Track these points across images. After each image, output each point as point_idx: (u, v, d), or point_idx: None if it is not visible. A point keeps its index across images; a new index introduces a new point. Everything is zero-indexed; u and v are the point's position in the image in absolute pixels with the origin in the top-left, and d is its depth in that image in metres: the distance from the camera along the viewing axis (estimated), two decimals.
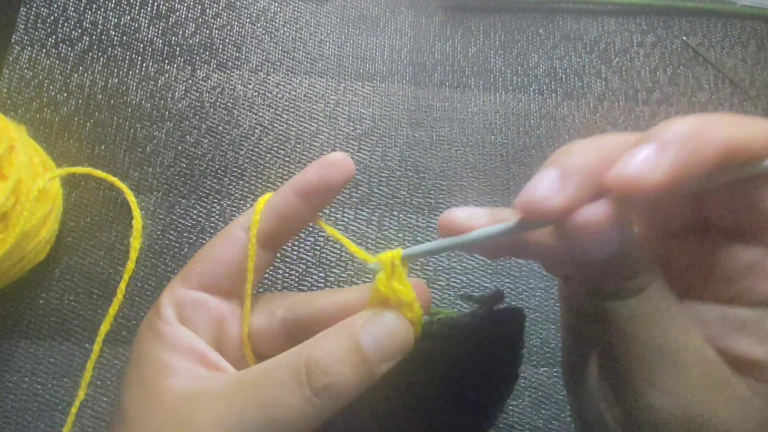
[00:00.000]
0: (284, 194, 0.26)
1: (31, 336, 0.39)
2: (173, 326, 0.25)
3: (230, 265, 0.26)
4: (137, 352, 0.25)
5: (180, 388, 0.23)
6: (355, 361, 0.22)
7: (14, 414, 0.38)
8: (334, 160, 0.26)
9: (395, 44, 0.48)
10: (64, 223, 0.41)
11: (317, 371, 0.22)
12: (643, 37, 0.50)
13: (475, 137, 0.46)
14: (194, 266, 0.26)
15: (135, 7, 0.47)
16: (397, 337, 0.23)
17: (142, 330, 0.26)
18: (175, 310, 0.25)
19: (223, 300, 0.26)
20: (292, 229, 0.27)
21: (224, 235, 0.27)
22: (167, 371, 0.24)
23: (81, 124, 0.44)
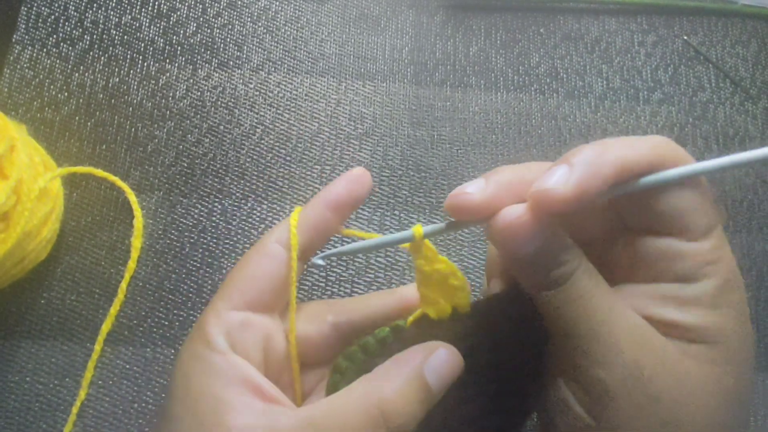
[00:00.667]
0: (316, 208, 0.28)
1: (32, 336, 0.39)
2: (227, 356, 0.24)
3: (273, 281, 0.27)
4: (185, 386, 0.24)
5: (244, 425, 0.23)
6: (424, 398, 0.24)
7: (16, 414, 0.38)
8: (358, 175, 0.28)
9: (396, 43, 0.48)
10: (65, 222, 0.41)
11: (393, 414, 0.23)
12: (645, 36, 0.50)
13: (476, 136, 0.46)
14: (236, 284, 0.26)
15: (136, 6, 0.47)
16: (454, 368, 0.25)
17: (187, 359, 0.25)
18: (225, 337, 0.25)
19: (267, 316, 0.27)
20: (322, 240, 0.28)
21: (262, 252, 0.27)
22: (227, 408, 0.23)
23: (82, 124, 0.44)
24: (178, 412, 0.24)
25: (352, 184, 0.28)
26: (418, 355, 0.25)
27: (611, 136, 0.47)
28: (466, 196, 0.23)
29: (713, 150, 0.47)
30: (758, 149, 0.25)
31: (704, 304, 0.24)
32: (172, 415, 0.24)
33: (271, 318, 0.27)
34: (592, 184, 0.23)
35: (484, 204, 0.23)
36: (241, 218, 0.43)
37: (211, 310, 0.26)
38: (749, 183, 0.46)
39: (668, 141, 0.25)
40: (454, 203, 0.24)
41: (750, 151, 0.25)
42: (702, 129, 0.47)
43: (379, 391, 0.23)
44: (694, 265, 0.24)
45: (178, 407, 0.24)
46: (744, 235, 0.45)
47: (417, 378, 0.24)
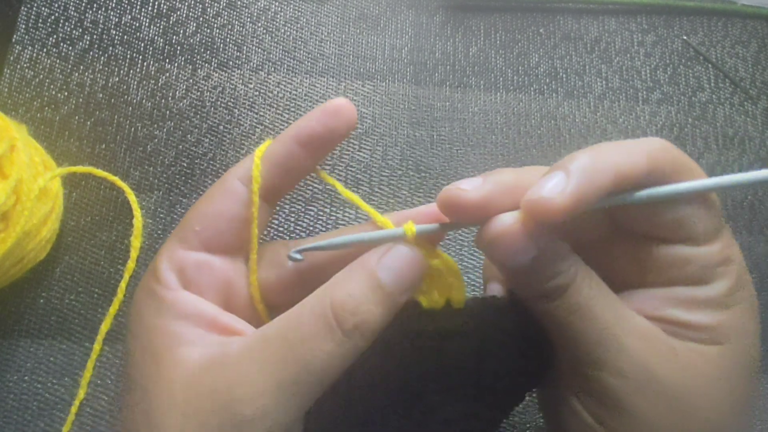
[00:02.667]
0: (284, 143, 0.25)
1: (31, 335, 0.39)
2: (177, 292, 0.24)
3: (231, 221, 0.25)
4: (137, 322, 0.24)
5: (195, 358, 0.22)
6: (378, 297, 0.22)
7: (14, 413, 0.38)
8: (336, 106, 0.25)
9: (396, 43, 0.48)
10: (65, 222, 0.41)
11: (345, 314, 0.22)
12: (644, 36, 0.50)
13: (476, 137, 0.46)
14: (191, 224, 0.25)
15: (136, 6, 0.47)
16: (413, 266, 0.23)
17: (140, 298, 0.24)
18: (176, 274, 0.24)
19: (227, 258, 0.25)
20: (292, 180, 0.26)
21: (221, 189, 0.25)
22: (177, 341, 0.22)
23: (81, 123, 0.44)
24: (133, 348, 0.23)
25: (327, 117, 0.25)
26: (373, 255, 0.23)
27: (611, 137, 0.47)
28: (460, 193, 0.22)
29: (713, 150, 0.47)
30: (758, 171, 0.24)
31: (716, 304, 0.23)
32: (129, 351, 0.24)
33: (232, 261, 0.25)
34: (589, 193, 0.21)
35: (478, 203, 0.22)
36: None
37: (164, 249, 0.25)
38: None
39: (665, 146, 0.23)
40: (447, 198, 0.23)
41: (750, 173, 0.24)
42: (701, 129, 0.47)
43: (330, 294, 0.22)
44: (705, 268, 0.23)
45: (133, 343, 0.23)
46: (745, 236, 0.45)
47: (369, 277, 0.22)
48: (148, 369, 0.22)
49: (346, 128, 0.25)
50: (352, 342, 0.22)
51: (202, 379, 0.22)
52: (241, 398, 0.21)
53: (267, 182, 0.25)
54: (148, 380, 0.22)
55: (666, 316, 0.24)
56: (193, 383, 0.22)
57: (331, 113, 0.25)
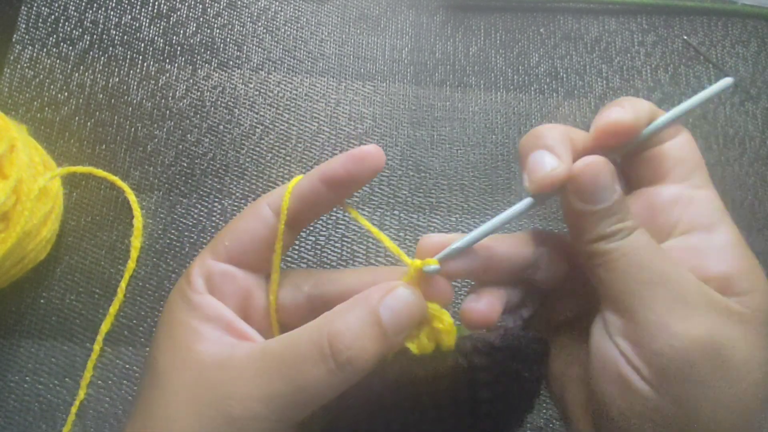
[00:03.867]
0: (311, 180, 0.27)
1: (32, 335, 0.39)
2: (203, 295, 0.26)
3: (258, 241, 0.27)
4: (168, 315, 0.27)
5: (209, 353, 0.25)
6: (375, 334, 0.23)
7: (16, 414, 0.38)
8: (364, 154, 0.26)
9: (396, 44, 0.48)
10: (65, 222, 0.41)
11: (340, 346, 0.23)
12: (644, 36, 0.50)
13: (476, 136, 0.46)
14: (223, 239, 0.27)
15: (136, 7, 0.47)
16: (412, 310, 0.25)
17: (173, 297, 0.27)
18: (204, 280, 0.27)
19: (250, 273, 0.27)
20: (315, 213, 0.28)
21: (253, 212, 0.28)
22: (197, 337, 0.25)
23: (82, 124, 0.44)
24: (160, 336, 0.26)
25: (353, 164, 0.26)
26: (376, 293, 0.24)
27: None
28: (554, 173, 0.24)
29: (713, 149, 0.47)
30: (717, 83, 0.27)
31: (733, 251, 0.25)
32: (156, 337, 0.26)
33: (254, 276, 0.28)
34: (642, 119, 0.26)
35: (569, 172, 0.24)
36: None
37: (199, 257, 0.28)
38: (750, 183, 0.46)
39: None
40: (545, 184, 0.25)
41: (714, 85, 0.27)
42: (702, 129, 0.47)
43: (330, 324, 0.23)
44: (706, 209, 0.26)
45: (160, 332, 0.26)
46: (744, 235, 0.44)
47: (370, 314, 0.24)
48: (170, 356, 0.25)
49: (370, 174, 0.27)
50: (344, 374, 0.23)
51: (208, 374, 0.24)
52: (235, 398, 0.23)
53: (293, 213, 0.27)
54: (166, 365, 0.25)
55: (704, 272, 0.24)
56: (201, 376, 0.24)
57: (357, 160, 0.26)
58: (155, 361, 0.25)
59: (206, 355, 0.24)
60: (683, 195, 0.26)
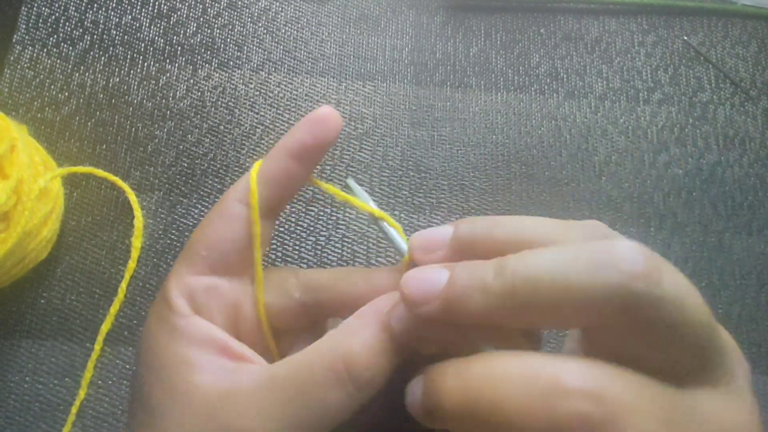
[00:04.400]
0: (277, 159, 0.25)
1: (32, 336, 0.39)
2: (188, 318, 0.24)
3: (235, 243, 0.25)
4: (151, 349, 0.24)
5: (209, 385, 0.22)
6: (391, 349, 0.22)
7: (16, 414, 0.38)
8: (323, 115, 0.25)
9: (396, 44, 0.48)
10: (66, 222, 0.41)
11: (359, 368, 0.22)
12: (645, 36, 0.50)
13: (476, 137, 0.46)
14: (197, 249, 0.25)
15: (136, 7, 0.47)
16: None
17: (152, 324, 0.24)
18: (187, 300, 0.24)
19: (234, 280, 0.25)
20: (289, 194, 0.26)
21: (221, 212, 0.25)
22: (191, 368, 0.23)
23: (82, 124, 0.44)
24: (144, 374, 0.23)
25: (316, 127, 0.24)
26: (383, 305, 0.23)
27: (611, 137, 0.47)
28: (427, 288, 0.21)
29: (713, 150, 0.47)
30: None
31: None
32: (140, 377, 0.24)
33: (240, 282, 0.25)
34: None
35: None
36: None
37: (173, 275, 0.25)
38: (750, 184, 0.46)
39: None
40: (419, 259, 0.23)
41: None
42: (702, 129, 0.47)
43: (345, 346, 0.22)
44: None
45: (144, 370, 0.24)
46: (744, 237, 0.45)
47: (383, 330, 0.22)
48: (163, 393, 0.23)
49: (334, 135, 0.25)
50: (363, 395, 0.22)
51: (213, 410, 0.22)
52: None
53: (264, 200, 0.25)
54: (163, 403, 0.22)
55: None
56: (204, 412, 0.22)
57: (317, 122, 0.25)
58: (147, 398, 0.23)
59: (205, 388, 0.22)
60: None
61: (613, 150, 0.46)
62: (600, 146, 0.46)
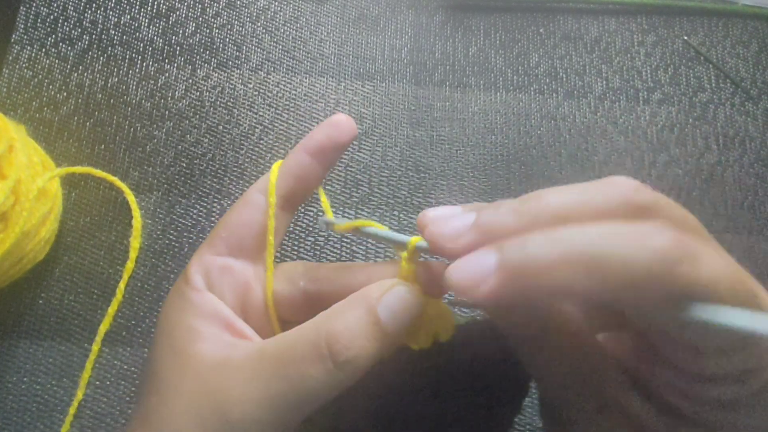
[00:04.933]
0: (297, 156, 0.28)
1: (30, 336, 0.39)
2: (202, 293, 0.26)
3: (253, 228, 0.27)
4: (165, 318, 0.26)
5: (207, 354, 0.24)
6: (374, 333, 0.23)
7: (14, 414, 0.37)
8: (338, 120, 0.28)
9: (395, 44, 0.48)
10: (64, 222, 0.41)
11: (339, 346, 0.23)
12: (644, 36, 0.50)
13: (475, 137, 0.46)
14: (219, 232, 0.27)
15: (135, 7, 0.47)
16: (410, 308, 0.24)
17: (171, 297, 0.27)
18: (203, 276, 0.27)
19: (248, 263, 0.27)
20: (306, 189, 0.28)
21: (244, 201, 0.28)
22: (196, 336, 0.25)
23: (81, 124, 0.44)
24: (158, 338, 0.26)
25: (332, 129, 0.28)
26: (374, 291, 0.24)
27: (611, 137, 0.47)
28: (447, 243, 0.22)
29: (713, 150, 0.47)
30: None
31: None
32: (155, 341, 0.26)
33: (252, 266, 0.27)
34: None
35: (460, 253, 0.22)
36: None
37: (196, 254, 0.28)
38: (750, 183, 0.46)
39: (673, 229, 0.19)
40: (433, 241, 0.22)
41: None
42: (702, 129, 0.47)
43: (328, 325, 0.23)
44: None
45: (158, 335, 0.26)
46: (745, 236, 0.44)
47: (368, 313, 0.23)
48: (169, 360, 0.25)
49: (348, 139, 0.28)
50: (343, 374, 0.23)
51: (207, 377, 0.24)
52: (233, 402, 0.23)
53: (284, 192, 0.27)
54: (166, 369, 0.25)
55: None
56: (200, 380, 0.24)
57: (334, 125, 0.28)
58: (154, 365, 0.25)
59: (204, 356, 0.24)
60: None
61: (612, 150, 0.46)
62: (600, 146, 0.46)
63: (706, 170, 0.46)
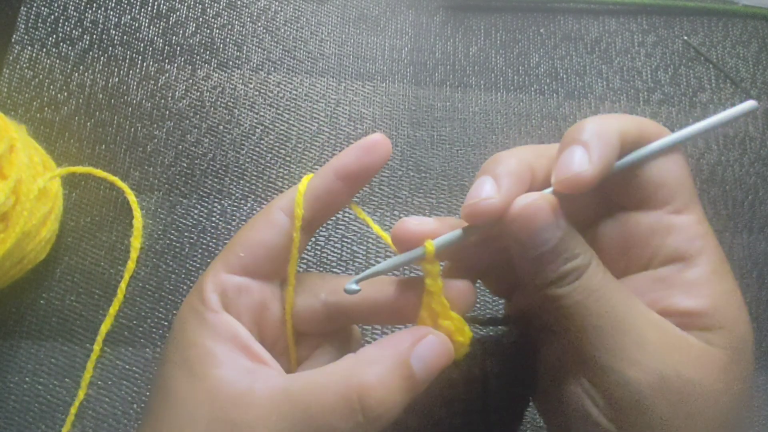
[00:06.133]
0: (324, 178, 0.26)
1: (32, 336, 0.39)
2: (218, 314, 0.25)
3: (273, 249, 0.26)
4: (181, 336, 0.25)
5: (226, 381, 0.23)
6: (407, 387, 0.23)
7: (16, 415, 0.37)
8: (372, 143, 0.26)
9: (396, 44, 0.48)
10: (65, 222, 0.41)
11: (372, 402, 0.22)
12: (645, 36, 0.50)
13: (476, 137, 0.46)
14: (236, 250, 0.26)
15: (135, 7, 0.47)
16: (442, 358, 0.24)
17: (185, 313, 0.26)
18: (219, 296, 0.25)
19: (264, 282, 0.26)
20: (330, 212, 0.27)
21: (265, 218, 0.26)
22: (213, 360, 0.24)
23: (81, 124, 0.44)
24: (172, 356, 0.25)
25: (364, 154, 0.26)
26: (406, 341, 0.23)
27: None
28: (486, 203, 0.23)
29: (713, 150, 0.47)
30: (735, 107, 0.25)
31: (707, 285, 0.23)
32: (168, 358, 0.25)
33: (269, 285, 0.26)
34: (610, 159, 0.23)
35: (505, 205, 0.23)
36: (240, 219, 0.42)
37: (210, 270, 0.26)
38: (750, 183, 0.46)
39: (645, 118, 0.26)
40: (476, 212, 0.23)
41: (727, 111, 0.25)
42: None
43: (360, 376, 0.22)
44: (686, 238, 0.24)
45: (173, 352, 0.25)
46: (745, 235, 0.45)
47: (402, 366, 0.23)
48: (183, 380, 0.24)
49: (380, 163, 0.26)
50: (371, 427, 0.22)
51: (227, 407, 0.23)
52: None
53: (307, 214, 0.26)
54: (182, 390, 0.24)
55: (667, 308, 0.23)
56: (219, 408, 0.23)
57: (367, 149, 0.26)
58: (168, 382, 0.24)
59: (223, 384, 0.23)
60: (662, 223, 0.25)
61: None
62: None
63: (707, 170, 0.46)
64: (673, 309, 0.23)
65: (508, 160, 0.24)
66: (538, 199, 0.23)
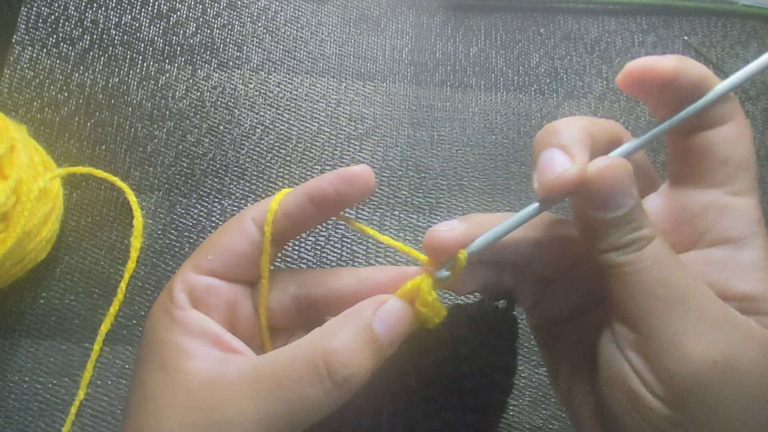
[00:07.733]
0: (297, 198, 0.26)
1: (32, 335, 0.39)
2: (187, 311, 0.26)
3: (241, 256, 0.26)
4: (152, 334, 0.26)
5: (198, 371, 0.24)
6: (371, 350, 0.23)
7: (15, 413, 0.38)
8: (353, 175, 0.25)
9: (396, 44, 0.48)
10: (65, 222, 0.41)
11: (337, 365, 0.22)
12: (644, 36, 0.50)
13: (476, 137, 0.46)
14: (205, 253, 0.27)
15: (136, 7, 0.47)
16: (405, 321, 0.24)
17: (156, 313, 0.26)
18: (187, 295, 0.26)
19: (233, 284, 0.27)
20: (301, 230, 0.27)
21: (236, 227, 0.27)
22: (185, 355, 0.24)
23: (82, 124, 0.44)
24: (145, 355, 0.25)
25: (342, 184, 0.25)
26: (368, 308, 0.24)
27: None
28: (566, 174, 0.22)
29: None
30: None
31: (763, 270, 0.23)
32: (141, 357, 0.26)
33: (238, 286, 0.27)
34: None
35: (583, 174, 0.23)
36: None
37: (180, 272, 0.27)
38: None
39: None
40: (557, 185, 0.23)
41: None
42: None
43: (325, 343, 0.23)
44: (742, 221, 0.24)
45: (146, 351, 0.26)
46: None
47: (364, 330, 0.23)
48: (157, 376, 0.24)
49: (358, 196, 0.26)
50: (340, 392, 0.23)
51: (200, 395, 0.23)
52: (231, 421, 0.23)
53: (277, 229, 0.26)
54: (155, 386, 0.24)
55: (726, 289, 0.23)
56: (192, 396, 0.23)
57: (346, 180, 0.25)
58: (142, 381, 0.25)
59: (195, 374, 0.24)
60: (717, 202, 0.24)
61: None
62: None
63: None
64: (730, 292, 0.23)
65: (569, 128, 0.24)
66: (618, 161, 0.23)
